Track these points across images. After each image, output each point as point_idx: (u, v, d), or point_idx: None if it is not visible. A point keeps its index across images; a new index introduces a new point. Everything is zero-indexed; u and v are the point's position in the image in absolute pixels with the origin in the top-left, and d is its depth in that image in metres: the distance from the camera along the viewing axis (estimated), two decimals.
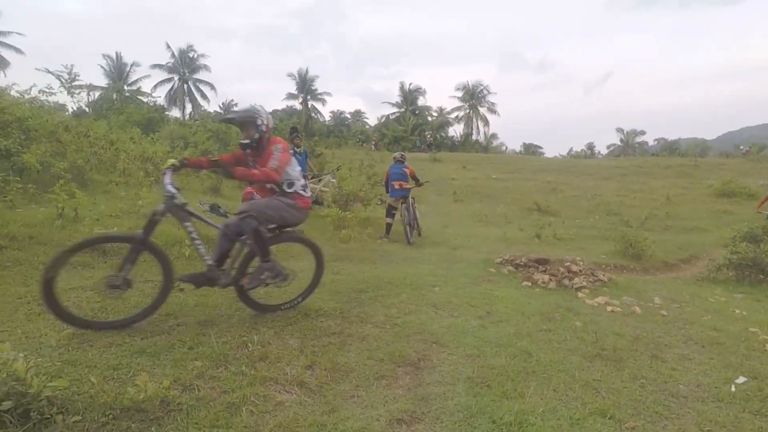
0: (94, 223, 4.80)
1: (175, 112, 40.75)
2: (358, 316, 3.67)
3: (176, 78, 43.72)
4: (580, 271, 5.71)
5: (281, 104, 52.59)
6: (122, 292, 3.03)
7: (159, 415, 2.08)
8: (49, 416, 1.87)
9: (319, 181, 10.63)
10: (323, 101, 47.62)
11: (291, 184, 3.49)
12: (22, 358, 1.96)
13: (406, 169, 8.40)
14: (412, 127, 42.69)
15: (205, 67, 44.61)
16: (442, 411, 2.39)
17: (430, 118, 46.93)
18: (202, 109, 42.53)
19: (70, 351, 2.57)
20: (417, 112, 46.81)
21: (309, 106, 47.34)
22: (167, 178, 3.12)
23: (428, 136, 37.54)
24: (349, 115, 56.55)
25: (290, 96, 47.60)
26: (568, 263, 5.82)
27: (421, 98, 48.24)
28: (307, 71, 46.63)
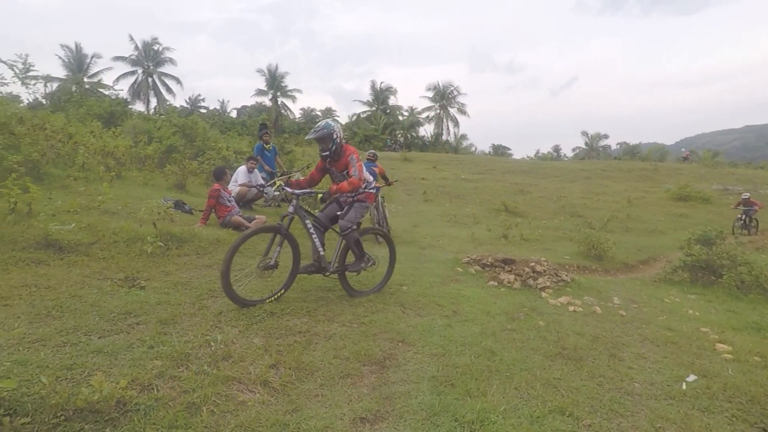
0: (49, 218, 4.57)
1: (139, 106, 39.48)
2: (324, 314, 3.66)
3: (140, 71, 42.23)
4: (545, 271, 5.86)
5: (250, 100, 51.70)
6: (273, 270, 3.80)
7: (114, 416, 2.01)
8: None
9: (289, 178, 10.49)
10: (293, 98, 47.00)
11: (367, 185, 4.26)
12: None
13: (375, 168, 8.40)
14: (383, 126, 42.77)
15: (171, 61, 43.31)
16: (405, 410, 2.41)
17: (401, 118, 47.11)
18: (168, 103, 41.22)
19: (20, 350, 2.46)
20: (388, 111, 46.91)
21: (279, 103, 46.60)
22: (288, 189, 4.02)
23: (399, 136, 37.69)
24: (320, 113, 56.09)
25: (260, 92, 46.76)
26: (533, 263, 5.97)
27: (392, 97, 48.42)
28: (277, 67, 45.95)
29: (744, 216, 13.76)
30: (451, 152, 39.08)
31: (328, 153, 4.10)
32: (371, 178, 4.29)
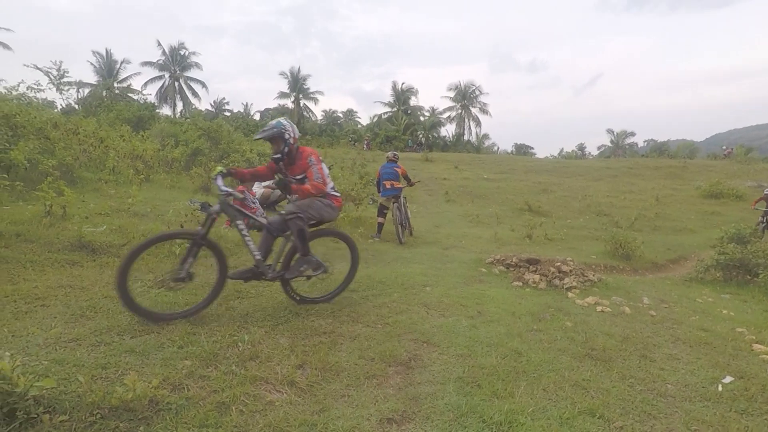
0: (83, 221, 4.74)
1: (165, 110, 40.54)
2: (349, 315, 3.67)
3: (167, 76, 43.38)
4: (571, 271, 5.75)
5: (273, 103, 52.49)
6: (186, 284, 3.33)
7: (148, 415, 2.06)
8: (35, 416, 1.85)
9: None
10: (315, 100, 47.53)
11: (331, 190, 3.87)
12: (8, 357, 1.94)
13: (397, 169, 8.40)
14: (405, 127, 42.74)
15: (197, 65, 44.39)
16: (432, 410, 2.39)
17: (422, 118, 47.01)
18: (193, 107, 42.28)
19: (57, 350, 2.54)
20: (409, 111, 46.87)
21: (301, 105, 47.19)
22: (219, 181, 3.45)
23: (420, 136, 37.58)
24: (341, 114, 56.49)
25: (282, 95, 47.48)
26: (559, 263, 5.86)
27: (413, 98, 48.37)
28: (299, 70, 46.59)
29: (766, 217, 11.08)
30: (472, 152, 38.77)
31: (279, 156, 3.68)
32: (332, 183, 3.90)
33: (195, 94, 44.29)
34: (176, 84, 43.78)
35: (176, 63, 43.38)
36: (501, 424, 2.29)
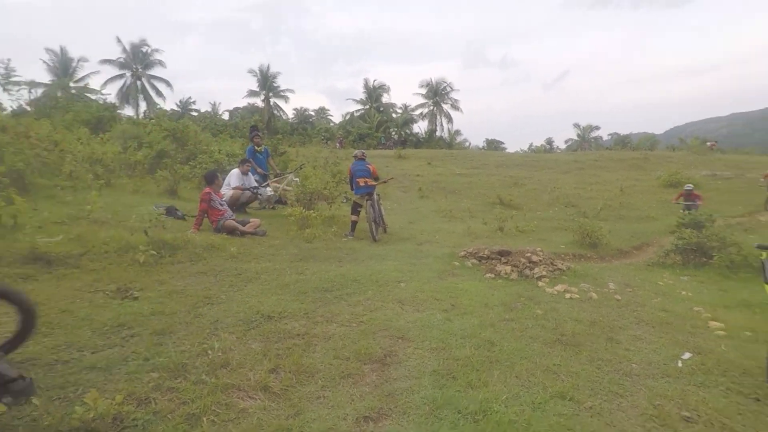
0: (36, 231, 4.49)
1: (128, 111, 39.07)
2: (323, 315, 3.64)
3: (128, 74, 41.74)
4: (541, 261, 5.87)
5: (242, 102, 51.45)
6: None
7: None
8: None
9: (282, 180, 10.47)
10: (286, 98, 46.79)
11: None
12: None
13: (369, 166, 8.37)
14: (377, 124, 42.71)
15: (160, 63, 42.83)
16: (408, 405, 2.40)
17: (394, 115, 47.09)
18: (158, 107, 40.85)
19: None
20: (381, 109, 46.85)
21: (271, 104, 46.40)
22: None
23: (393, 133, 37.69)
24: (313, 113, 56.00)
25: (252, 93, 46.54)
26: (529, 254, 5.97)
27: (385, 95, 48.41)
28: (268, 68, 45.72)
29: (685, 211, 10.81)
30: (445, 148, 39.13)
31: None
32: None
33: (159, 93, 42.86)
34: (138, 83, 42.19)
35: (138, 61, 41.78)
36: (476, 413, 2.31)
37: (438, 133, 47.79)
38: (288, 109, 50.21)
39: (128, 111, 39.09)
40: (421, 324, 3.57)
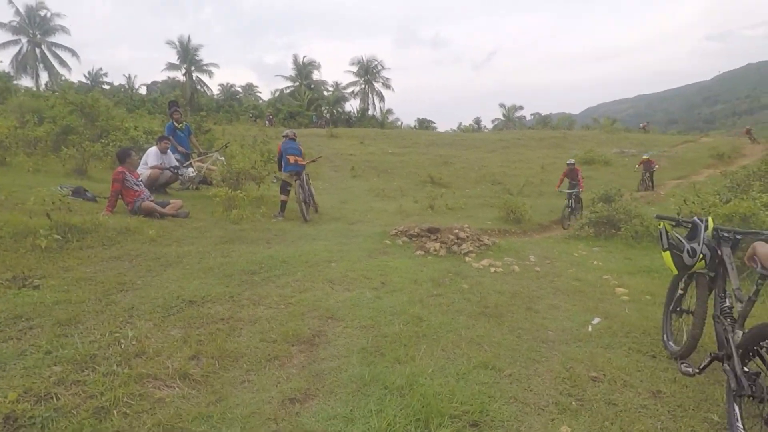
0: None
1: (26, 82, 34.71)
2: (249, 298, 3.51)
3: (24, 41, 36.97)
4: (468, 237, 6.10)
5: (161, 75, 47.76)
6: None
7: None
8: None
9: (206, 159, 9.90)
10: (210, 73, 43.93)
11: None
12: None
13: (300, 147, 8.18)
14: (308, 102, 41.61)
15: (63, 29, 38.35)
16: (336, 384, 2.39)
17: (326, 93, 46.14)
18: (62, 78, 36.66)
19: None
20: (312, 86, 45.72)
21: (194, 78, 43.35)
22: None
23: (325, 111, 37.02)
24: (240, 89, 53.28)
25: (171, 66, 43.06)
26: (457, 230, 6.18)
27: (316, 72, 47.30)
28: (189, 39, 42.52)
29: (571, 200, 11.42)
30: (377, 127, 39.12)
31: None
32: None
33: (63, 63, 38.49)
34: (37, 51, 37.50)
35: (35, 26, 37.04)
36: (402, 387, 2.36)
37: (370, 112, 47.68)
38: (213, 84, 47.52)
39: (26, 82, 34.76)
40: (351, 303, 3.57)
